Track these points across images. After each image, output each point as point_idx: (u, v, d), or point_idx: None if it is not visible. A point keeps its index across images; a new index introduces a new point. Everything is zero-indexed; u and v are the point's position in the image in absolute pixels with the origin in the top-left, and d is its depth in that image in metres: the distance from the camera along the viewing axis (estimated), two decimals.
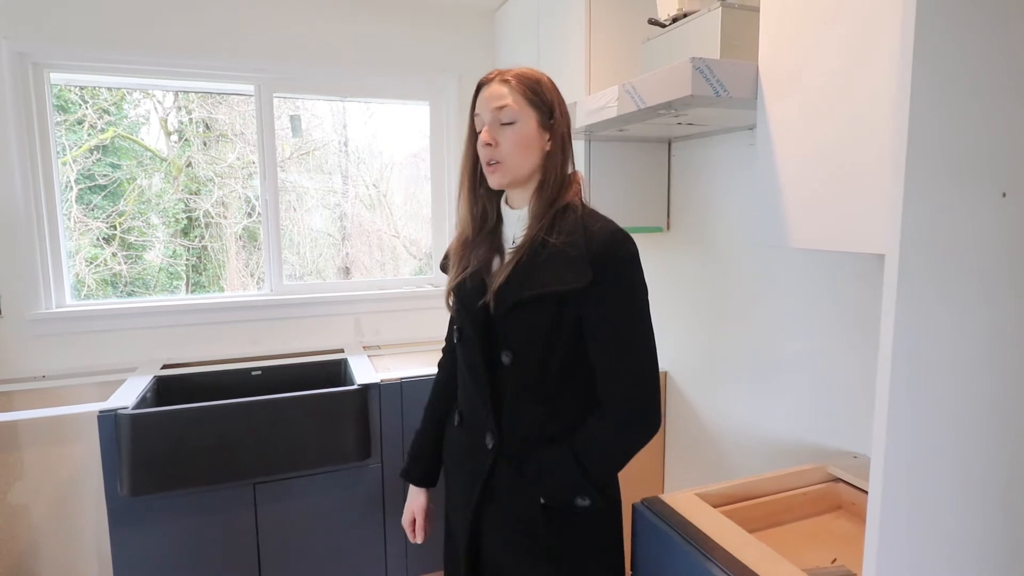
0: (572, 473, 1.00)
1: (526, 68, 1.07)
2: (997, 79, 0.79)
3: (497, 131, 1.03)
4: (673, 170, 1.95)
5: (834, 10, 1.01)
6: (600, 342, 1.00)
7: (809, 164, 1.08)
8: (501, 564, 1.09)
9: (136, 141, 2.44)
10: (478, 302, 1.04)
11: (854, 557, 1.14)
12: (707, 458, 1.89)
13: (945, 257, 0.81)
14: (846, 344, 1.41)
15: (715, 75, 1.15)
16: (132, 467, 1.72)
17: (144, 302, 2.28)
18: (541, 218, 1.02)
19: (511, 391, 1.05)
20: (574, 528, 1.06)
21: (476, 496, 1.08)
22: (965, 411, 0.85)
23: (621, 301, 0.99)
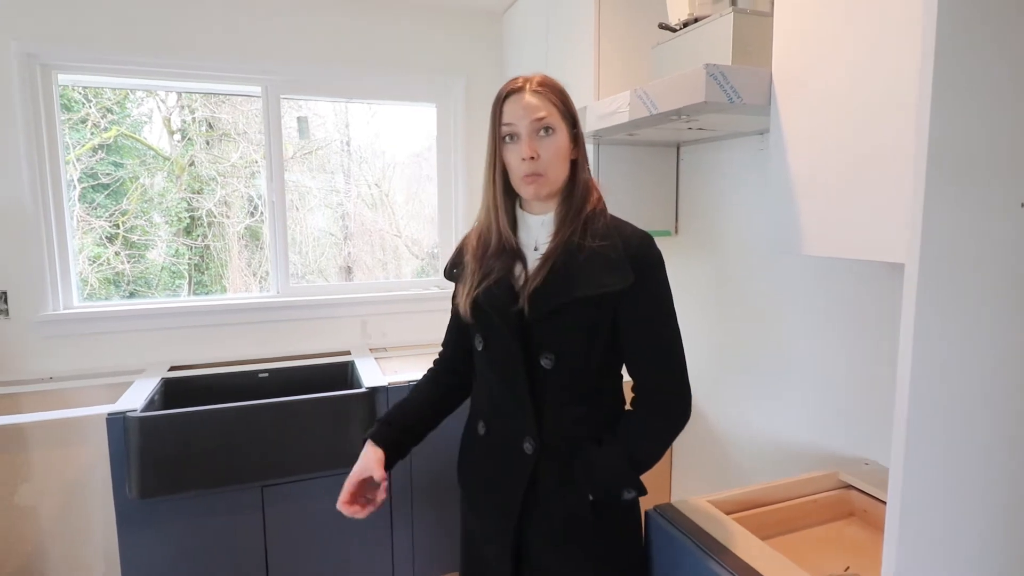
0: (621, 466, 1.03)
1: (545, 75, 1.07)
2: (1015, 90, 0.79)
3: (537, 143, 1.02)
4: (681, 174, 1.94)
5: (850, 17, 1.01)
6: (639, 338, 1.04)
7: (824, 171, 1.07)
8: (548, 567, 1.09)
9: (139, 140, 2.44)
10: (512, 308, 1.03)
11: (867, 565, 1.14)
12: (715, 464, 1.89)
13: (963, 266, 0.80)
14: (856, 350, 1.41)
15: (729, 82, 1.15)
16: (141, 469, 1.72)
17: (151, 303, 2.28)
18: (572, 223, 1.03)
19: (552, 394, 1.05)
20: (616, 522, 1.09)
21: (517, 505, 1.07)
22: (984, 421, 0.84)
23: (656, 300, 1.04)
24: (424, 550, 2.10)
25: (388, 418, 1.21)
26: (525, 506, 1.07)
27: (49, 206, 2.10)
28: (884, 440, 1.35)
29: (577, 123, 1.07)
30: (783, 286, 1.60)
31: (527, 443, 1.05)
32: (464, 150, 2.58)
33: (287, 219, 2.41)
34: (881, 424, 1.36)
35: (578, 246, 1.02)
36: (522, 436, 1.06)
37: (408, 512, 2.05)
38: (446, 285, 2.70)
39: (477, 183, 2.58)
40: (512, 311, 1.03)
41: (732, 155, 1.74)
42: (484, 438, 1.14)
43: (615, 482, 1.03)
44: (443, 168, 2.63)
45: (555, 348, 1.03)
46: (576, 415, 1.06)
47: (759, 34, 1.32)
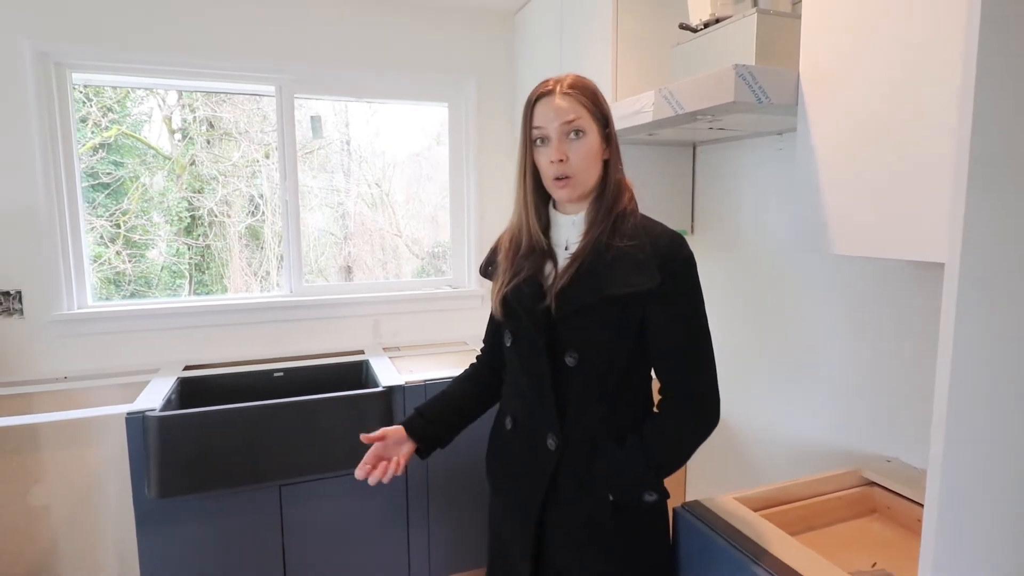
0: (641, 468, 1.02)
1: (576, 76, 1.06)
2: None
3: (566, 146, 1.03)
4: (697, 173, 1.95)
5: (883, 16, 1.02)
6: (666, 340, 1.03)
7: (856, 171, 1.08)
8: (566, 565, 1.09)
9: (139, 139, 2.43)
10: (539, 305, 1.05)
11: (893, 561, 1.15)
12: (731, 463, 1.90)
13: (1001, 264, 0.81)
14: (877, 348, 1.42)
15: (757, 82, 1.16)
16: (160, 469, 1.72)
17: (165, 303, 2.28)
18: (602, 223, 1.04)
19: (576, 392, 1.06)
20: (637, 524, 1.08)
21: (539, 499, 1.08)
22: (1021, 420, 0.85)
23: (685, 301, 1.03)
24: (440, 549, 2.10)
25: (423, 409, 1.24)
26: (545, 504, 1.08)
27: (64, 205, 2.10)
28: (906, 437, 1.37)
29: (610, 123, 1.07)
30: (801, 285, 1.61)
31: (550, 439, 1.06)
32: (476, 150, 2.59)
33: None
34: (903, 422, 1.37)
35: (606, 246, 1.02)
36: (546, 432, 1.07)
37: (424, 511, 2.06)
38: (458, 285, 2.70)
39: (488, 182, 2.60)
40: (539, 309, 1.05)
41: (749, 155, 1.75)
42: (511, 432, 1.16)
43: (635, 484, 1.03)
44: (455, 167, 2.64)
45: (579, 346, 1.03)
46: (599, 414, 1.06)
47: (782, 34, 1.32)
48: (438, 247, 2.82)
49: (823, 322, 1.56)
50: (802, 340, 1.62)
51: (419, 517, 2.05)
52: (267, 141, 2.51)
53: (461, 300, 2.64)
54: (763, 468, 1.76)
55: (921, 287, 1.31)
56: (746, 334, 1.80)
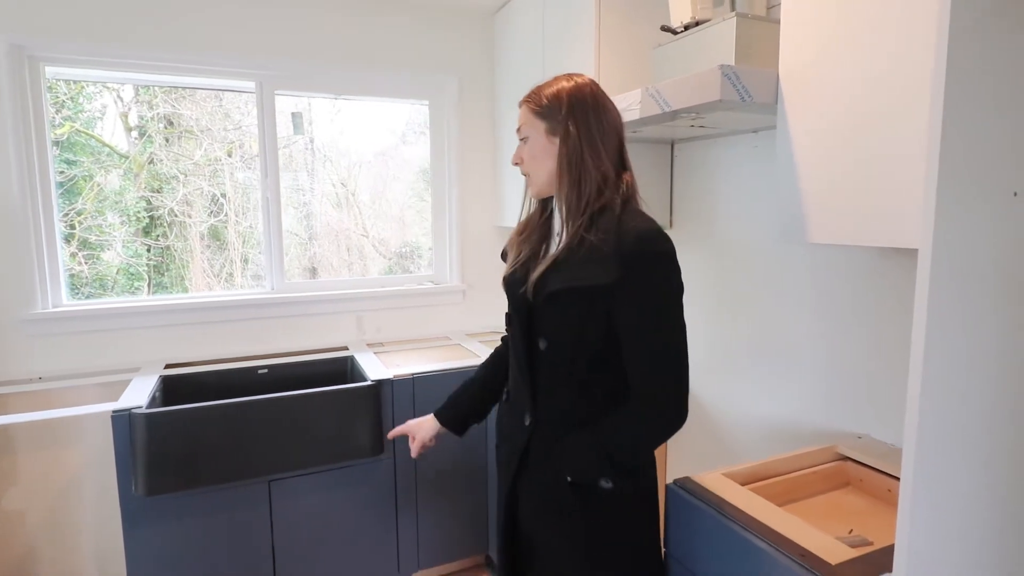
0: (594, 456, 1.06)
1: (551, 80, 1.15)
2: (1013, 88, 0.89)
3: (521, 150, 1.17)
4: (676, 170, 2.03)
5: (859, 18, 1.10)
6: (628, 336, 1.03)
7: (832, 164, 1.17)
8: (533, 530, 1.20)
9: (94, 136, 2.37)
10: (520, 290, 1.14)
11: (867, 528, 1.24)
12: (711, 444, 1.98)
13: (966, 252, 0.90)
14: (847, 332, 1.52)
15: (741, 81, 1.23)
16: (148, 467, 1.71)
17: (143, 301, 2.25)
18: (577, 216, 1.07)
19: (546, 375, 1.13)
20: (602, 507, 1.10)
21: (514, 467, 1.18)
22: (988, 401, 0.94)
23: (649, 298, 1.01)
24: (429, 540, 2.13)
25: (454, 399, 1.41)
26: (519, 471, 1.18)
27: (38, 202, 2.05)
28: (876, 415, 1.46)
29: (569, 120, 1.08)
30: (776, 274, 1.70)
31: (527, 416, 1.15)
32: (457, 147, 2.62)
33: (250, 218, 2.40)
34: (873, 401, 1.47)
35: (581, 239, 1.05)
36: (523, 409, 1.16)
37: (413, 503, 2.09)
38: (440, 281, 2.73)
39: (469, 179, 2.63)
40: (520, 293, 1.13)
41: (726, 151, 1.84)
42: (505, 404, 1.29)
43: (589, 470, 1.07)
44: (436, 165, 2.67)
45: (548, 333, 1.10)
46: (566, 398, 1.11)
47: (758, 37, 1.41)
48: (405, 247, 2.83)
49: (797, 308, 1.65)
50: (777, 326, 1.71)
51: (408, 509, 2.08)
52: (230, 139, 2.47)
53: (443, 296, 2.67)
54: (743, 447, 1.85)
55: (888, 273, 1.41)
56: (724, 321, 1.89)
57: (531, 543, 1.21)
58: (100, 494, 2.10)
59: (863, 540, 1.17)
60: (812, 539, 1.04)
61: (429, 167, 2.68)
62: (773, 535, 1.06)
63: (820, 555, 0.99)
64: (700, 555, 1.19)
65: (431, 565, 2.17)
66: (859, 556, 0.99)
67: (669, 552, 1.28)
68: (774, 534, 1.06)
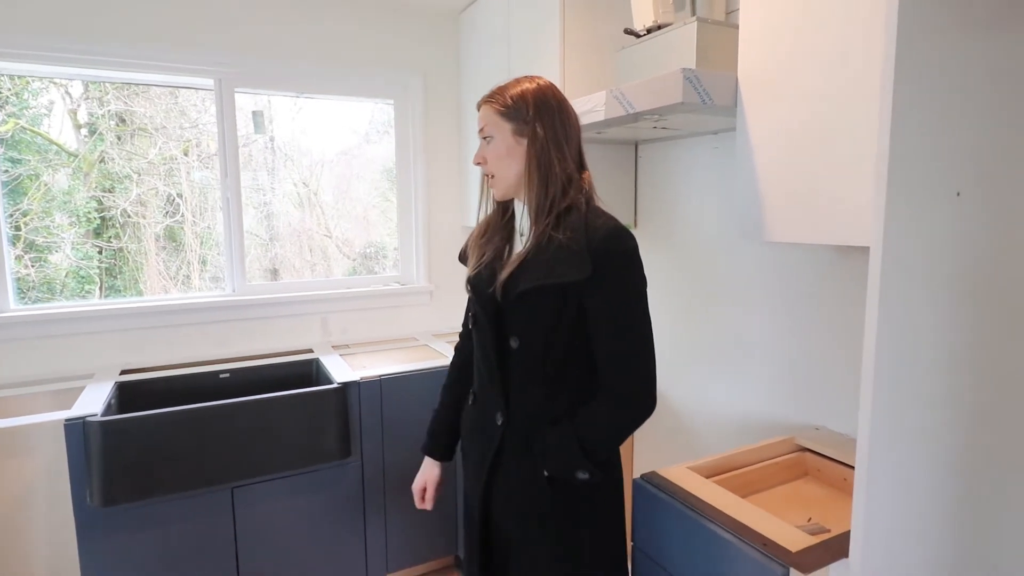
0: (572, 449, 1.08)
1: (512, 81, 1.16)
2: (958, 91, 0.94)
3: (484, 150, 1.17)
4: (640, 170, 2.07)
5: (814, 26, 1.15)
6: (599, 330, 1.08)
7: (788, 165, 1.21)
8: (510, 530, 1.19)
9: (40, 134, 2.27)
10: (488, 290, 1.14)
11: (825, 515, 1.29)
12: (677, 438, 2.02)
13: (914, 249, 0.94)
14: (804, 328, 1.57)
15: (702, 84, 1.26)
16: (103, 476, 1.65)
17: (97, 305, 2.17)
18: (543, 215, 1.10)
19: (518, 373, 1.13)
20: (577, 499, 1.13)
21: (487, 467, 1.18)
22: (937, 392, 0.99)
23: (619, 292, 1.06)
24: (398, 542, 2.12)
25: (433, 429, 1.39)
26: (493, 471, 1.18)
27: None
28: (832, 407, 1.52)
29: (537, 121, 1.10)
30: (736, 272, 1.75)
31: (498, 415, 1.16)
32: (423, 147, 2.61)
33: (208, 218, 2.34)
34: (829, 394, 1.52)
35: (549, 238, 1.08)
36: (495, 408, 1.16)
37: (381, 506, 2.07)
38: (407, 281, 2.71)
39: (435, 179, 2.62)
40: (489, 293, 1.14)
41: (688, 153, 1.88)
42: (471, 407, 1.27)
43: (566, 463, 1.09)
44: (402, 165, 2.65)
45: (519, 332, 1.11)
46: (541, 394, 1.13)
47: (717, 41, 1.45)
48: (370, 247, 2.80)
49: (757, 305, 1.70)
50: (738, 322, 1.76)
51: (376, 511, 2.06)
52: (187, 137, 2.41)
53: (410, 296, 2.66)
54: (706, 441, 1.89)
55: (844, 271, 1.47)
56: (686, 318, 1.93)
57: (507, 541, 1.21)
58: (52, 506, 2.01)
59: (821, 528, 1.21)
60: (773, 528, 1.08)
61: (394, 166, 2.66)
62: (736, 525, 1.09)
63: (781, 543, 1.02)
64: (667, 547, 1.21)
65: (400, 568, 2.15)
66: (817, 543, 1.03)
67: (636, 545, 1.30)
68: (737, 524, 1.09)
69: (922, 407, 0.98)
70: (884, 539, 0.97)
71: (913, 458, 0.98)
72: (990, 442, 1.08)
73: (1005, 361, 1.08)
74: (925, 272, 0.96)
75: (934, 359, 0.98)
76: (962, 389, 1.03)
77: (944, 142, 0.94)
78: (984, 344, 1.04)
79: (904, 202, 0.91)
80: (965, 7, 0.92)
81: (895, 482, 0.97)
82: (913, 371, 0.96)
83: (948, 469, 1.03)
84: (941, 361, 0.99)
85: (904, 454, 0.97)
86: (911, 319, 0.95)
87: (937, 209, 0.96)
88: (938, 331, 0.98)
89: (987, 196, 1.01)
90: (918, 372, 0.97)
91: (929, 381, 0.98)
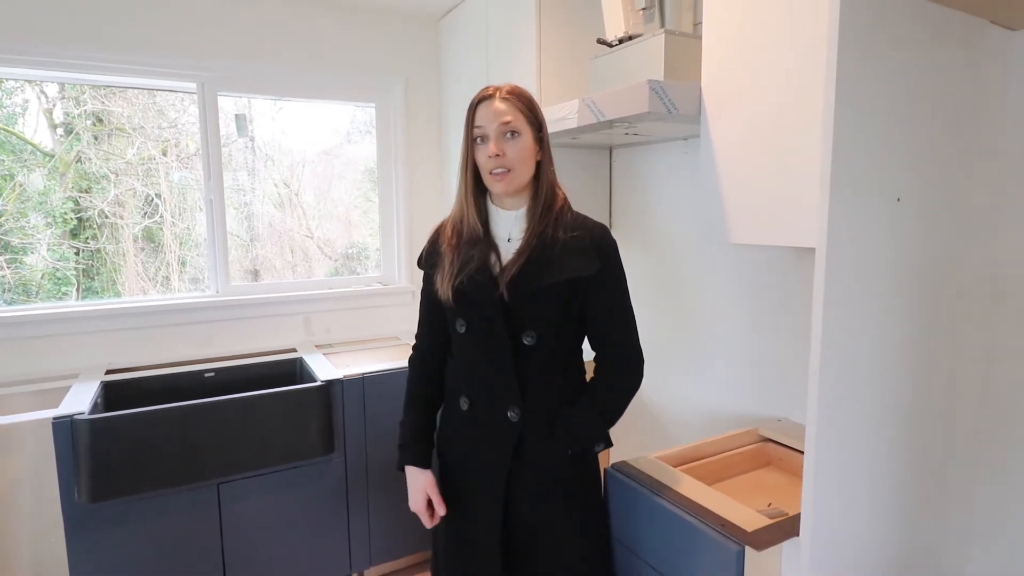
0: (596, 422, 1.21)
1: (515, 85, 1.21)
2: (895, 106, 1.02)
3: (503, 143, 1.16)
4: (614, 174, 2.14)
5: (768, 41, 1.22)
6: (605, 313, 1.22)
7: (746, 172, 1.29)
8: (534, 522, 1.22)
9: (15, 133, 2.27)
10: (494, 293, 1.16)
11: (785, 501, 1.37)
12: (647, 431, 2.10)
13: (858, 249, 1.02)
14: (766, 325, 1.65)
15: (667, 95, 1.34)
16: (92, 473, 1.69)
17: (82, 306, 2.19)
18: (544, 218, 1.19)
19: (535, 367, 1.19)
20: (586, 471, 1.27)
21: (507, 466, 1.20)
22: (881, 384, 1.07)
23: (617, 279, 1.23)
24: (381, 536, 2.17)
25: (415, 438, 1.30)
26: (514, 468, 1.21)
27: None
28: (793, 400, 1.61)
29: (543, 128, 1.22)
30: (705, 273, 1.83)
31: (511, 412, 1.19)
32: (404, 150, 2.66)
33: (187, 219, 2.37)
34: (790, 386, 1.61)
35: (551, 238, 1.17)
36: (507, 406, 1.19)
37: (364, 499, 2.12)
38: (389, 281, 2.76)
39: (417, 181, 2.68)
40: (495, 296, 1.16)
41: (660, 157, 1.96)
42: (467, 412, 1.25)
43: (590, 437, 1.22)
44: (383, 167, 2.70)
45: (535, 327, 1.18)
46: (554, 385, 1.22)
47: (685, 52, 1.52)
48: (352, 248, 2.82)
49: (721, 303, 1.78)
50: (703, 320, 1.84)
51: (359, 505, 2.11)
52: (165, 137, 2.42)
53: (392, 296, 2.71)
54: (675, 432, 1.98)
55: (802, 271, 1.55)
56: (655, 316, 2.01)
57: (530, 533, 1.22)
58: (38, 503, 2.03)
59: (779, 512, 1.29)
60: (734, 512, 1.16)
61: (376, 168, 2.71)
62: (699, 509, 1.17)
63: (738, 524, 1.10)
64: (637, 532, 1.28)
65: (384, 560, 2.20)
66: (772, 524, 1.11)
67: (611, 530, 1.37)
68: (701, 509, 1.17)
69: (865, 397, 1.06)
70: (831, 519, 1.05)
71: (857, 444, 1.06)
72: (930, 430, 1.17)
73: (942, 355, 1.17)
74: (868, 272, 1.04)
75: (876, 352, 1.07)
76: (903, 381, 1.11)
77: (884, 151, 1.03)
78: (923, 338, 1.13)
79: (847, 206, 0.99)
80: (899, 28, 1.01)
81: (841, 467, 1.05)
82: (856, 363, 1.04)
83: (890, 455, 1.11)
84: (883, 354, 1.08)
85: (848, 441, 1.05)
86: (854, 315, 1.03)
87: (879, 213, 1.04)
88: (880, 326, 1.07)
89: (925, 201, 1.09)
90: (861, 364, 1.05)
91: (872, 373, 1.07)
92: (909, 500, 1.16)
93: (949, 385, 1.20)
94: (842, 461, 1.05)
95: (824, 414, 1.01)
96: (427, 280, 1.31)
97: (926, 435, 1.17)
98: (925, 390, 1.15)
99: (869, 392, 1.07)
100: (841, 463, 1.04)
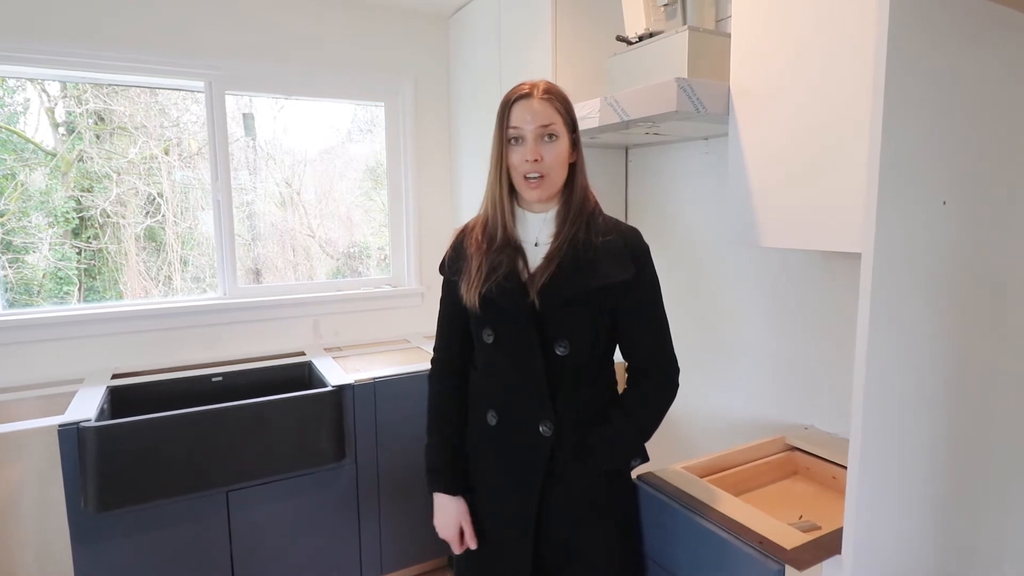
0: (632, 437, 1.15)
1: (550, 82, 1.14)
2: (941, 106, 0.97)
3: (542, 148, 1.09)
4: (630, 174, 2.10)
5: (804, 35, 1.18)
6: (639, 320, 1.16)
7: (781, 173, 1.24)
8: (568, 538, 1.16)
9: (16, 132, 2.23)
10: (525, 300, 1.09)
11: (815, 513, 1.33)
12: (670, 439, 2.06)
13: (904, 254, 0.98)
14: (793, 330, 1.61)
15: (696, 93, 1.29)
16: (99, 482, 1.64)
17: (86, 308, 2.15)
18: (576, 221, 1.12)
19: (568, 378, 1.12)
20: (621, 488, 1.22)
21: (539, 483, 1.13)
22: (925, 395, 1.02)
23: (651, 286, 1.17)
24: (392, 544, 2.13)
25: (438, 463, 1.24)
26: (546, 484, 1.14)
27: None
28: (821, 407, 1.56)
29: (577, 129, 1.15)
30: (726, 274, 1.79)
31: (544, 426, 1.12)
32: (414, 150, 2.62)
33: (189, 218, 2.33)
34: (818, 393, 1.56)
35: (584, 243, 1.10)
36: (538, 419, 1.12)
37: (375, 507, 2.08)
38: (398, 283, 2.72)
39: (426, 182, 2.63)
40: (525, 304, 1.09)
41: (679, 157, 1.91)
42: (495, 427, 1.17)
43: (627, 453, 1.17)
44: (393, 168, 2.65)
45: (569, 336, 1.11)
46: (586, 396, 1.15)
47: (708, 49, 1.48)
48: (354, 247, 2.78)
49: (746, 307, 1.74)
50: (728, 324, 1.80)
51: (370, 513, 2.07)
52: (167, 136, 2.38)
53: (402, 298, 2.66)
54: (698, 441, 1.93)
55: (832, 275, 1.51)
56: (678, 319, 1.95)
57: (564, 550, 1.16)
58: (43, 512, 1.99)
59: (812, 525, 1.25)
60: (770, 528, 1.11)
61: (384, 169, 2.66)
62: (735, 526, 1.12)
63: (777, 541, 1.05)
64: (670, 549, 1.23)
65: (395, 569, 2.16)
66: (811, 540, 1.06)
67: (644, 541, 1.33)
68: (736, 525, 1.12)
69: (911, 408, 1.02)
70: (874, 537, 1.00)
71: (902, 458, 1.02)
72: (978, 441, 1.12)
73: (990, 361, 1.12)
74: (914, 277, 0.99)
75: (923, 360, 1.02)
76: (950, 390, 1.07)
77: (930, 154, 0.98)
78: (970, 345, 1.08)
79: (894, 210, 0.95)
80: (949, 26, 0.96)
81: (885, 481, 1.00)
82: (902, 372, 1.00)
83: (936, 468, 1.07)
84: (929, 362, 1.03)
85: (894, 454, 1.01)
86: (901, 322, 0.98)
87: (925, 217, 1.00)
88: (926, 333, 1.02)
89: (970, 204, 1.05)
90: (907, 373, 1.00)
91: (918, 382, 1.02)
92: (954, 515, 1.11)
93: (998, 394, 1.15)
94: (885, 474, 1.00)
95: (868, 425, 0.96)
96: (450, 287, 1.22)
97: (974, 447, 1.12)
98: (973, 400, 1.10)
99: (914, 402, 1.02)
100: (884, 476, 1.00)
